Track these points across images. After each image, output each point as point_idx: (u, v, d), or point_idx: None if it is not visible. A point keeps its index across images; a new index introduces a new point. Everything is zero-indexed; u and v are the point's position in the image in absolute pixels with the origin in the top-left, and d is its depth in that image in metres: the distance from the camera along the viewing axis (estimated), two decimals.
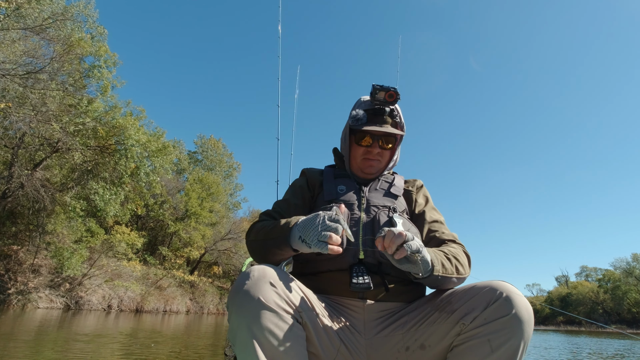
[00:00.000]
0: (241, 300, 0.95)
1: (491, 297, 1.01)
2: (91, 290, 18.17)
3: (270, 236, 1.18)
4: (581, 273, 63.56)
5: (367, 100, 1.45)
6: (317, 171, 1.54)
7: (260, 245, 1.23)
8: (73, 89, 15.26)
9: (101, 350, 4.72)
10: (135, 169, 17.27)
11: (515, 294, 1.01)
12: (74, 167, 16.28)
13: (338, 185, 1.42)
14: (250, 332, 0.92)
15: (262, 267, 1.01)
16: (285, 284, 1.00)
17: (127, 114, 17.38)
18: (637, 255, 53.43)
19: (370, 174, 1.45)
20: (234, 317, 0.95)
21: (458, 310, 1.05)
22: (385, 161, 1.48)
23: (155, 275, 23.78)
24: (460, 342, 1.03)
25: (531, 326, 1.00)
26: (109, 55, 17.09)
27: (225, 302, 8.24)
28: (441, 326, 1.07)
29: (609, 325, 51.27)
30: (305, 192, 1.46)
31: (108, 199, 16.30)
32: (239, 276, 1.01)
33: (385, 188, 1.44)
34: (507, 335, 0.97)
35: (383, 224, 1.27)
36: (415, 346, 1.11)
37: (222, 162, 39.14)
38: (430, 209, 1.45)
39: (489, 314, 0.99)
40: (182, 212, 28.05)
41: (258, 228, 1.27)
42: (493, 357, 0.97)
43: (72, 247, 17.21)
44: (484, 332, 0.99)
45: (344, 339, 1.12)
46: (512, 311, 0.98)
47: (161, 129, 19.17)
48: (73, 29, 15.64)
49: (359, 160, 1.45)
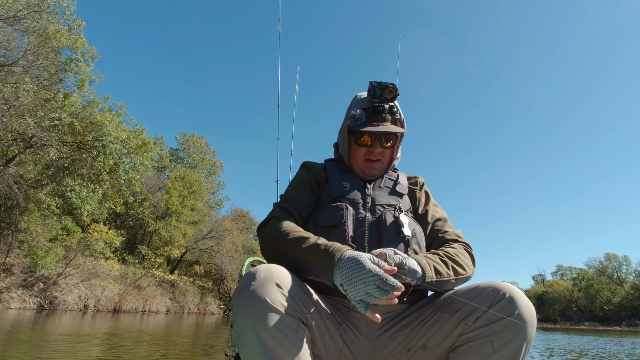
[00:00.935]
0: (247, 301, 0.92)
1: (494, 297, 1.01)
2: (66, 290, 17.69)
3: (303, 259, 1.07)
4: (557, 272, 65.46)
5: (364, 98, 1.39)
6: (319, 165, 1.48)
7: (283, 259, 1.13)
8: (48, 82, 14.81)
9: (76, 350, 4.56)
10: (114, 166, 16.92)
11: (518, 294, 1.01)
12: (49, 163, 15.81)
13: (343, 182, 1.37)
14: (256, 334, 0.90)
15: (268, 267, 0.97)
16: (291, 284, 0.97)
17: (106, 110, 16.95)
18: (610, 254, 55.43)
19: (372, 175, 1.41)
20: (239, 318, 0.93)
21: (460, 311, 1.05)
22: (387, 160, 1.44)
23: (134, 274, 23.33)
24: (463, 343, 1.03)
25: (534, 327, 0.99)
26: (87, 49, 16.62)
27: (207, 300, 8.13)
28: (443, 327, 1.07)
29: (582, 322, 53.02)
30: (313, 186, 1.41)
31: (85, 196, 15.89)
32: (245, 276, 0.97)
33: (390, 186, 1.40)
34: (509, 336, 0.97)
35: (389, 224, 1.24)
36: (417, 347, 1.10)
37: (205, 160, 38.62)
38: (433, 207, 1.42)
39: (492, 315, 0.99)
40: (162, 211, 27.56)
41: (282, 232, 1.15)
42: (495, 358, 0.97)
43: (47, 246, 16.72)
44: (487, 332, 0.99)
45: (347, 340, 1.11)
46: (515, 312, 0.97)
47: (141, 126, 18.79)
48: (49, 21, 15.12)
49: (361, 162, 1.40)
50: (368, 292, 0.92)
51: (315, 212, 1.31)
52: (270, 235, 1.19)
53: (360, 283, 0.92)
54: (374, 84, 1.33)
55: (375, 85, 1.33)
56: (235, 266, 30.76)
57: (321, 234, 1.20)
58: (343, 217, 1.24)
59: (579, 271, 59.63)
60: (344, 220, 1.24)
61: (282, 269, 0.99)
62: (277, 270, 0.97)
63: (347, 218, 1.24)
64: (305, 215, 1.32)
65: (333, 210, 1.27)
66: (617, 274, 54.97)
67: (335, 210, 1.26)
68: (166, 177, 32.53)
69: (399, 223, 1.24)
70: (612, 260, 55.32)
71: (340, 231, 1.22)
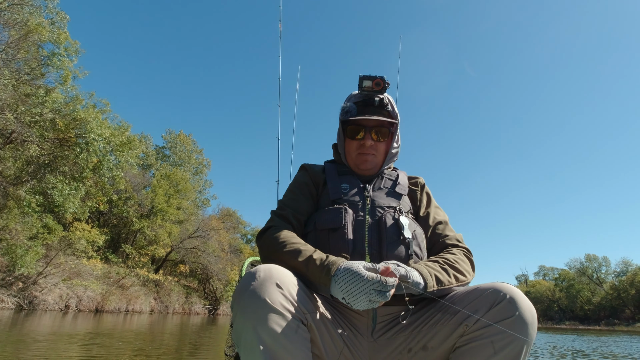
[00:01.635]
0: (247, 301, 0.92)
1: (495, 298, 1.01)
2: (47, 290, 17.30)
3: (300, 271, 1.07)
4: (539, 272, 66.85)
5: (357, 94, 1.42)
6: (318, 167, 1.48)
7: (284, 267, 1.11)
8: (30, 77, 14.45)
9: (58, 351, 4.42)
10: (98, 164, 16.59)
11: (519, 295, 1.01)
12: (30, 159, 15.43)
13: (342, 183, 1.36)
14: (255, 334, 0.89)
15: (268, 267, 0.97)
16: (291, 284, 0.97)
17: (90, 107, 16.60)
18: (590, 255, 56.78)
19: (366, 169, 1.40)
20: (239, 319, 0.92)
21: (461, 312, 1.04)
22: (382, 154, 1.42)
23: (117, 273, 22.94)
24: (463, 344, 1.03)
25: (535, 328, 0.99)
26: (70, 43, 16.23)
27: (192, 300, 8.00)
28: (444, 327, 1.07)
29: (563, 322, 54.18)
30: (312, 189, 1.40)
31: (67, 194, 15.54)
32: (245, 276, 0.97)
33: (389, 187, 1.39)
34: (510, 337, 0.97)
35: (389, 226, 1.24)
36: (418, 348, 1.10)
37: (192, 159, 38.20)
38: (434, 209, 1.41)
39: (493, 316, 0.99)
40: (147, 209, 27.16)
41: (280, 244, 1.15)
42: (496, 359, 0.97)
43: (27, 244, 16.31)
44: (488, 333, 0.99)
45: (347, 341, 1.10)
46: (516, 313, 0.98)
47: (126, 123, 18.49)
48: (31, 13, 14.73)
49: (354, 155, 1.41)
50: (371, 300, 0.94)
51: (315, 215, 1.30)
52: (268, 245, 1.19)
53: (362, 294, 0.94)
54: (363, 77, 1.35)
55: (364, 77, 1.34)
56: (221, 265, 30.54)
57: (321, 237, 1.22)
58: (343, 220, 1.23)
59: (561, 271, 60.97)
60: (343, 223, 1.23)
61: (282, 269, 0.99)
62: (277, 270, 0.97)
63: (346, 221, 1.23)
64: (304, 219, 1.32)
65: (332, 213, 1.26)
66: (596, 275, 56.35)
67: (335, 213, 1.26)
68: (152, 175, 32.08)
69: (399, 225, 1.23)
70: (592, 261, 56.70)
71: (340, 234, 1.21)
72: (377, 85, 1.34)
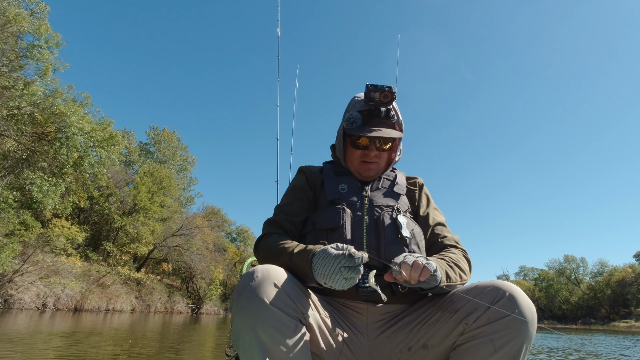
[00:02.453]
0: (245, 301, 0.92)
1: (494, 296, 1.01)
2: (23, 288, 16.84)
3: (292, 270, 1.06)
4: (520, 272, 68.10)
5: (361, 100, 1.37)
6: (316, 169, 1.47)
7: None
8: (7, 69, 14.01)
9: (32, 351, 4.27)
10: (79, 159, 16.19)
11: (519, 293, 1.01)
12: (6, 154, 14.96)
13: (340, 184, 1.36)
14: (254, 334, 0.89)
15: (266, 268, 0.97)
16: (289, 284, 0.97)
17: (70, 100, 16.18)
18: (569, 256, 58.27)
19: (368, 177, 1.40)
20: (237, 319, 0.92)
21: (461, 310, 1.05)
22: (384, 162, 1.42)
23: (97, 272, 22.48)
24: (463, 342, 1.03)
25: (534, 326, 1.00)
26: (51, 35, 15.79)
27: (175, 299, 7.87)
28: (444, 326, 1.07)
29: (542, 321, 55.44)
30: (308, 191, 1.39)
31: (46, 190, 15.13)
32: (243, 276, 0.96)
33: (387, 187, 1.39)
34: (510, 334, 0.97)
35: (387, 225, 1.24)
36: (418, 346, 1.10)
37: (176, 156, 37.66)
38: (433, 210, 1.42)
39: (493, 314, 0.99)
40: (130, 206, 26.67)
41: (270, 249, 1.17)
42: (496, 357, 0.97)
43: (2, 241, 15.83)
44: (487, 331, 0.99)
45: (347, 340, 1.10)
46: (516, 310, 0.98)
47: (108, 118, 18.08)
48: (10, 3, 14.28)
49: (356, 163, 1.39)
50: (346, 278, 0.94)
51: (313, 216, 1.30)
52: (262, 254, 1.21)
53: (335, 272, 0.94)
54: (370, 87, 1.30)
55: (371, 88, 1.30)
56: (205, 264, 30.23)
57: (320, 237, 1.22)
58: (341, 220, 1.24)
59: (540, 272, 62.36)
60: (341, 222, 1.23)
61: (279, 269, 0.98)
62: (275, 270, 0.97)
63: (345, 220, 1.24)
64: (299, 222, 1.32)
65: (331, 213, 1.26)
66: (574, 275, 57.87)
67: (333, 212, 1.26)
68: (135, 171, 31.48)
69: (397, 224, 1.24)
70: (570, 261, 58.21)
71: (338, 234, 1.22)
72: (385, 97, 1.30)
